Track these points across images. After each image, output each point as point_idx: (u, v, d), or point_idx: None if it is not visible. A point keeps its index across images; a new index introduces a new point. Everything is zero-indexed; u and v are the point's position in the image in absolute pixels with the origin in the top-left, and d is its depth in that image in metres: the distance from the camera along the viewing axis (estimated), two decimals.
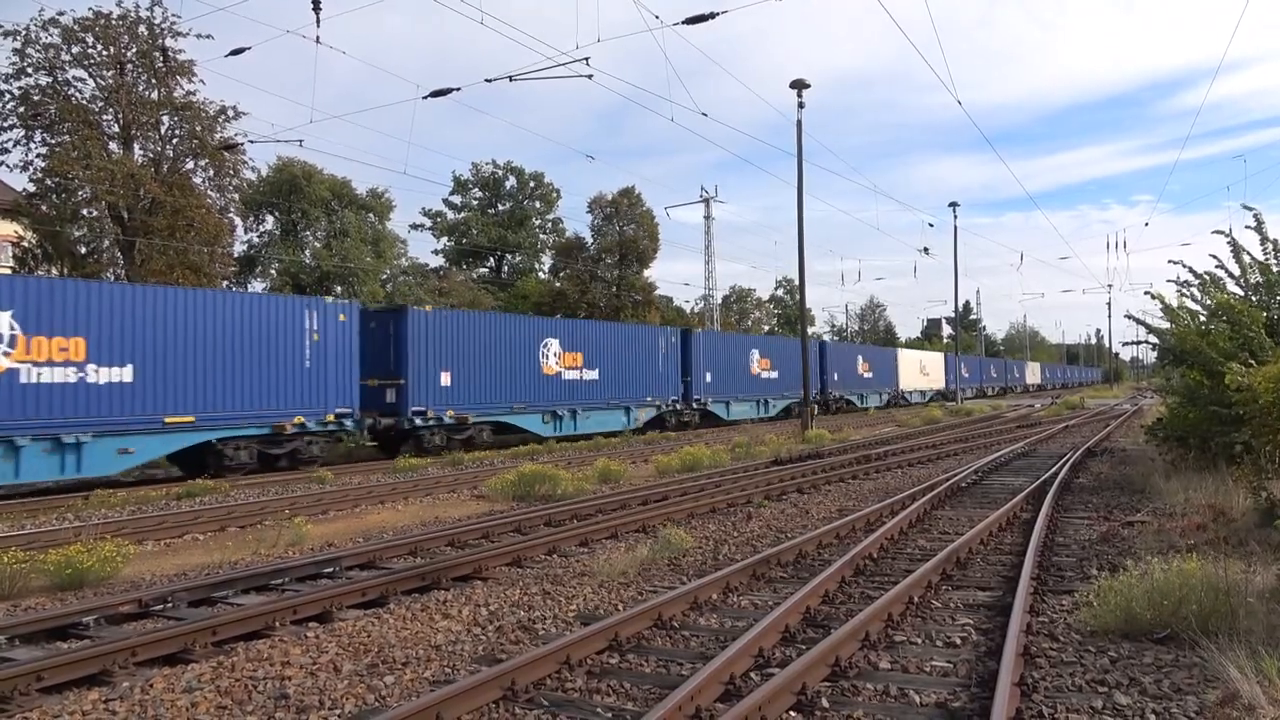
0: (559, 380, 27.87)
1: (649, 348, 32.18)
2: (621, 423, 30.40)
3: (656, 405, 32.25)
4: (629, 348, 31.10)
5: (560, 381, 27.96)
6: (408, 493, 15.60)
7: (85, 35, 27.63)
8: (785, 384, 40.98)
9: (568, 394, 28.22)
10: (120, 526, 11.99)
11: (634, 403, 31.00)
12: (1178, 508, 10.64)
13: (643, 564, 8.81)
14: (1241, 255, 12.94)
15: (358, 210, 47.39)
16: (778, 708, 4.82)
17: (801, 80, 27.96)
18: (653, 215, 52.68)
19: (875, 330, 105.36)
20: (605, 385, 29.75)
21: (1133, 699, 4.93)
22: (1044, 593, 7.34)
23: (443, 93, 19.24)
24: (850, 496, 13.99)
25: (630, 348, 31.15)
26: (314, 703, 5.23)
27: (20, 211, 29.17)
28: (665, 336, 33.63)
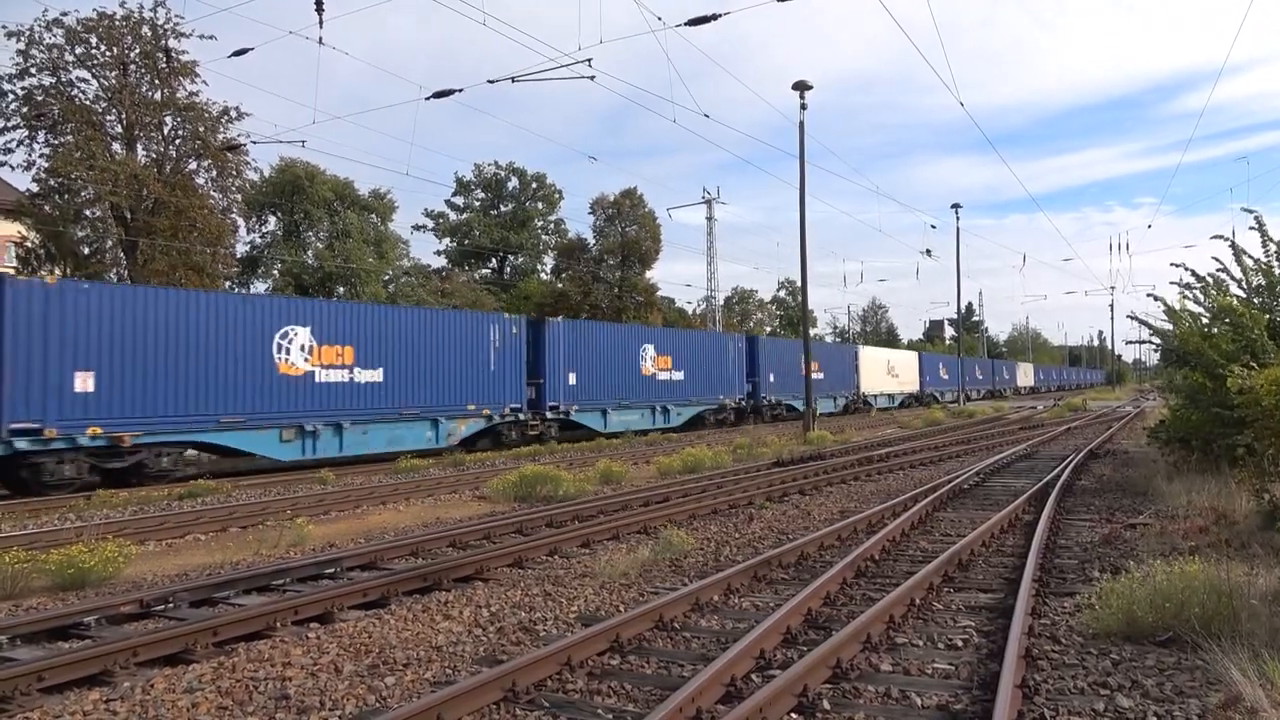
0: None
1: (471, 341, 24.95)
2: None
3: (486, 415, 25.26)
4: None
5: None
6: (409, 493, 15.61)
7: (89, 36, 27.70)
8: (694, 387, 34.38)
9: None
10: (122, 526, 12.00)
11: (443, 414, 23.95)
12: (1180, 510, 10.63)
13: (644, 565, 8.80)
14: (1243, 258, 12.92)
15: (360, 211, 47.45)
16: (779, 709, 4.81)
17: (804, 82, 27.98)
18: (654, 216, 52.79)
19: (877, 332, 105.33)
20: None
21: (1135, 701, 4.92)
22: (1046, 595, 7.33)
23: (445, 94, 19.27)
24: (852, 498, 13.97)
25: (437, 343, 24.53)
26: (315, 703, 5.23)
27: (23, 212, 29.22)
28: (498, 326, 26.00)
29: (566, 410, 27.92)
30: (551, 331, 27.41)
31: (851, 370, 49.07)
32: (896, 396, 55.58)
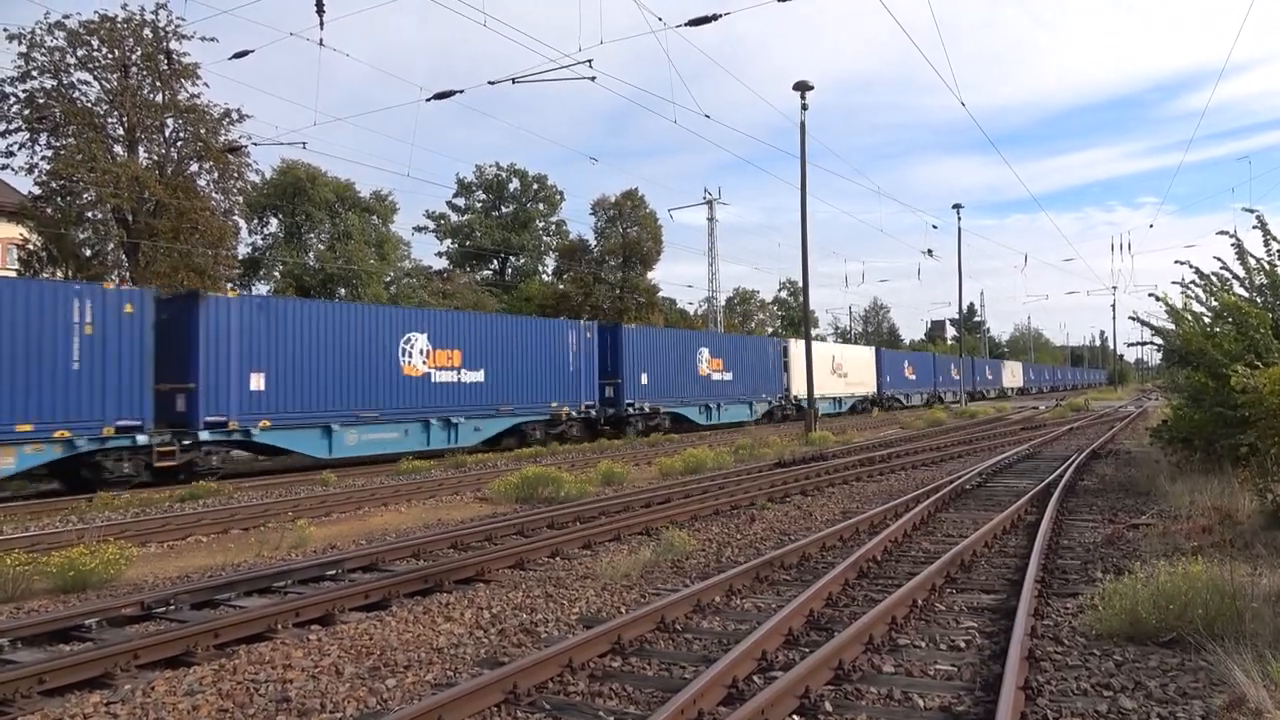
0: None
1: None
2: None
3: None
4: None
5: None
6: (411, 495, 15.60)
7: (90, 38, 27.67)
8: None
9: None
10: (123, 529, 12.01)
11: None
12: (1183, 510, 10.59)
13: (645, 566, 8.79)
14: (1247, 257, 12.89)
15: (361, 212, 47.50)
16: (780, 711, 4.80)
17: (805, 82, 27.96)
18: (656, 217, 52.79)
19: (879, 332, 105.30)
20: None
21: (1138, 703, 4.90)
22: (1049, 596, 7.31)
23: (446, 95, 19.26)
24: (854, 499, 13.95)
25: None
26: (315, 706, 5.22)
27: (25, 214, 29.23)
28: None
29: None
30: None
31: (774, 369, 41.68)
32: (844, 400, 48.00)
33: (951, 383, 64.53)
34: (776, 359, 41.69)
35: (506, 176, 61.28)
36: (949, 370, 66.08)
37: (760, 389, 40.08)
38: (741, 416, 38.05)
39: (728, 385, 37.43)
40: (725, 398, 37.21)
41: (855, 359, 50.60)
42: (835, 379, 46.45)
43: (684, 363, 34.45)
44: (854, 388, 48.88)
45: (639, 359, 31.33)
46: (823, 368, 42.52)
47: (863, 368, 50.34)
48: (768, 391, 40.77)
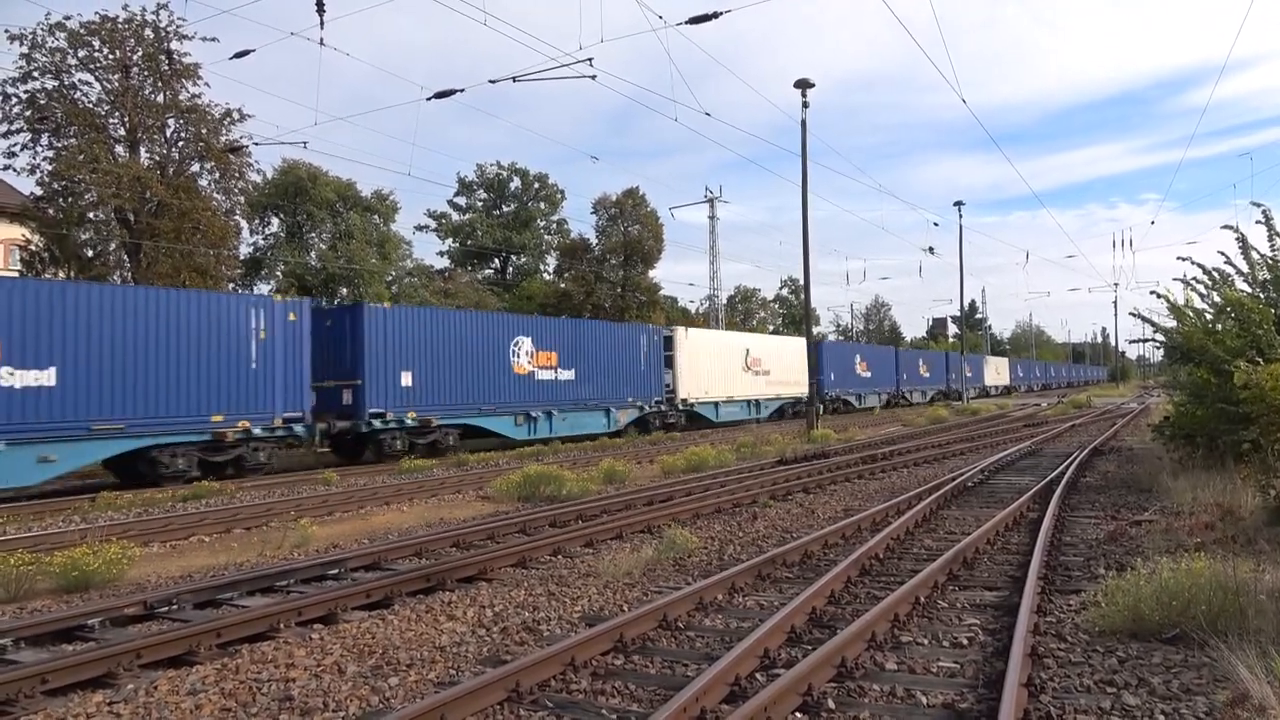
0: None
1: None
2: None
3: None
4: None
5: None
6: (413, 494, 15.60)
7: (91, 39, 27.69)
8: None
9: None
10: (126, 528, 12.02)
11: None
12: (1185, 506, 10.58)
13: (648, 564, 8.78)
14: (1250, 251, 12.86)
15: (362, 212, 47.48)
16: (783, 709, 4.79)
17: (805, 80, 27.93)
18: (657, 216, 52.65)
19: (880, 330, 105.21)
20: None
21: (1141, 700, 4.89)
22: (1051, 593, 7.30)
23: (446, 94, 19.27)
24: (856, 496, 13.95)
25: None
26: (318, 705, 5.22)
27: (27, 215, 29.26)
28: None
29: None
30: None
31: (651, 364, 32.27)
32: (763, 403, 38.93)
33: (919, 381, 58.18)
34: (656, 352, 33.09)
35: (507, 175, 61.24)
36: (915, 367, 58.86)
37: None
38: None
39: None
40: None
41: (779, 352, 41.01)
42: (749, 377, 37.94)
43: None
44: (779, 387, 40.14)
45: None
46: (729, 363, 36.23)
47: (791, 363, 40.39)
48: None
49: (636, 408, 31.27)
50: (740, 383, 37.25)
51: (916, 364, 59.24)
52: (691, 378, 33.72)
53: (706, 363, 34.91)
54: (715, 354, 35.57)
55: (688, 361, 33.55)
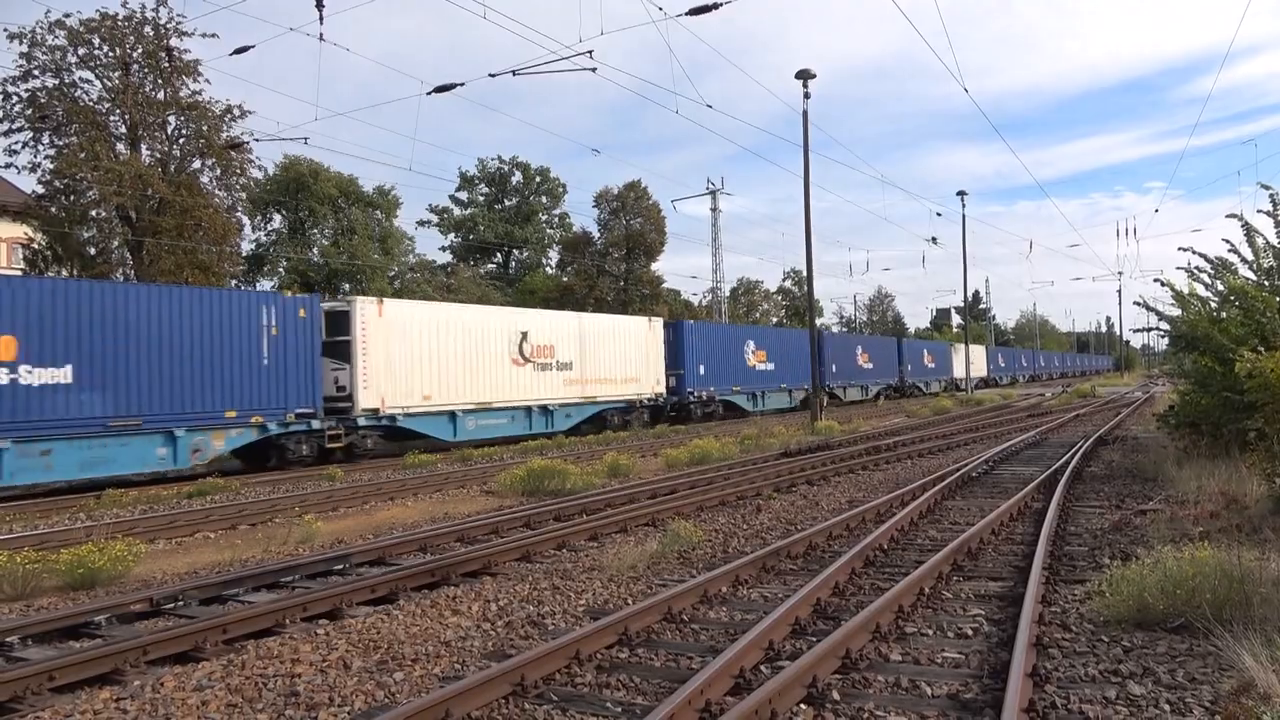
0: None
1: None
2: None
3: None
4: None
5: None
6: (417, 489, 15.63)
7: (91, 37, 27.70)
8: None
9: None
10: (131, 526, 12.05)
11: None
12: (1190, 495, 10.56)
13: (652, 558, 8.79)
14: (1255, 239, 12.79)
15: (364, 207, 47.51)
16: (788, 701, 4.80)
17: (807, 70, 27.83)
18: (659, 209, 52.58)
19: (884, 321, 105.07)
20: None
21: (1146, 689, 4.89)
22: (1056, 582, 7.30)
23: (447, 88, 19.22)
24: (860, 488, 13.94)
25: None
26: (324, 700, 5.23)
27: (29, 213, 29.31)
28: None
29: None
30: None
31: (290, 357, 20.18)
32: (558, 410, 27.03)
33: (860, 374, 47.11)
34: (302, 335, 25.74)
35: (509, 170, 61.23)
36: (853, 355, 47.09)
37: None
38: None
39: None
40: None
41: (600, 336, 28.70)
42: (529, 374, 25.87)
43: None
44: (600, 387, 28.70)
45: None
46: (484, 351, 24.47)
47: (628, 353, 29.72)
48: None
49: (244, 426, 18.99)
50: (509, 381, 25.12)
51: (854, 351, 47.84)
52: (390, 375, 21.73)
53: (428, 348, 22.80)
54: (449, 336, 23.38)
55: (382, 349, 21.63)
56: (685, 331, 33.32)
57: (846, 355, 46.53)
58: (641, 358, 30.51)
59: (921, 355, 60.00)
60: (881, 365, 50.33)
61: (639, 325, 31.11)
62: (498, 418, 25.20)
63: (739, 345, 36.94)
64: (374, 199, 48.51)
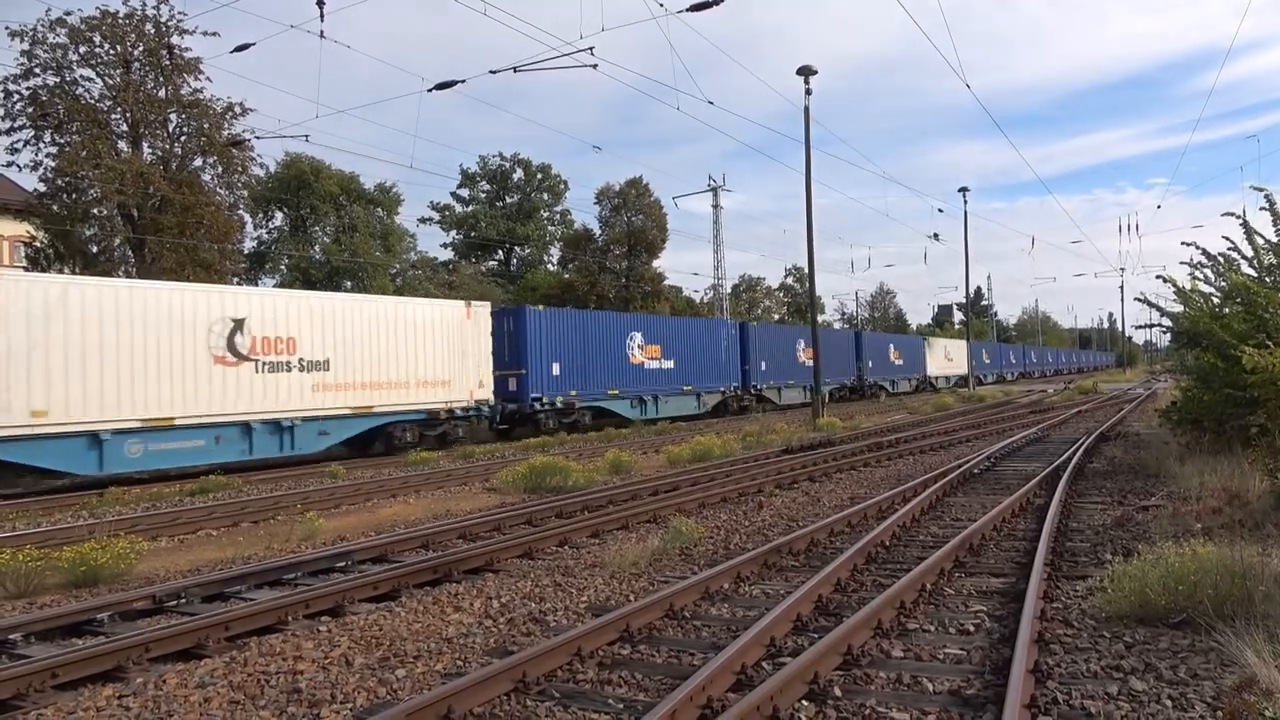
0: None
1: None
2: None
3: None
4: None
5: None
6: (419, 486, 15.63)
7: (92, 34, 27.70)
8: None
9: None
10: (134, 523, 12.06)
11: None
12: (1193, 491, 10.55)
13: (654, 554, 8.79)
14: (1254, 237, 12.79)
15: (366, 205, 47.52)
16: (790, 697, 4.80)
17: (808, 67, 27.80)
18: (660, 205, 52.53)
19: (885, 317, 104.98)
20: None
21: (1148, 684, 4.89)
22: (1058, 578, 7.29)
23: (448, 85, 19.19)
24: (862, 484, 13.94)
25: None
26: (326, 697, 5.24)
27: (31, 211, 29.33)
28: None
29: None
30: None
31: None
32: (328, 422, 20.46)
33: (801, 373, 39.98)
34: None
35: (510, 167, 61.21)
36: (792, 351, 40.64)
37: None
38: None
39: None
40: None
41: (374, 325, 21.56)
42: (224, 375, 18.54)
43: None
44: (395, 394, 21.86)
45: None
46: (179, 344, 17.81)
47: (430, 348, 22.89)
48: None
49: None
50: (210, 387, 18.27)
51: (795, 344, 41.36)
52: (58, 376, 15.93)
53: (46, 338, 15.92)
54: (93, 323, 16.59)
55: None
56: (528, 321, 26.45)
57: (783, 350, 40.34)
58: (454, 354, 23.37)
59: (886, 351, 52.36)
60: (833, 362, 42.09)
61: (448, 312, 23.76)
62: (189, 439, 17.96)
63: (619, 339, 30.28)
64: (375, 196, 48.54)
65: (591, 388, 28.65)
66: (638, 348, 31.13)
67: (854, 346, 48.08)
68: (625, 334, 30.67)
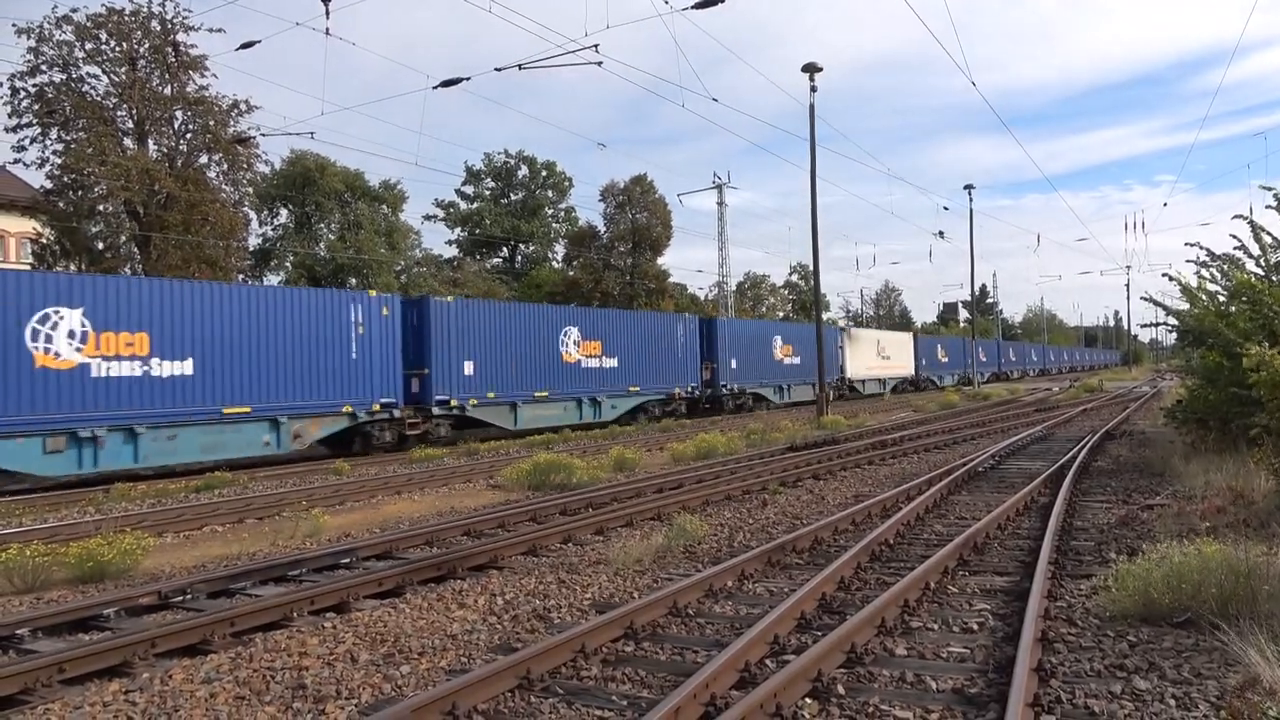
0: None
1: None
2: None
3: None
4: None
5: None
6: (424, 483, 15.66)
7: (98, 32, 27.75)
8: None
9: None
10: (140, 519, 12.11)
11: None
12: (1197, 490, 10.54)
13: (658, 552, 8.80)
14: (1261, 235, 12.75)
15: (371, 202, 47.53)
16: (793, 695, 4.81)
17: (813, 64, 27.75)
18: (665, 203, 52.47)
19: (890, 315, 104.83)
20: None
21: (1152, 684, 4.89)
22: (1062, 577, 7.29)
23: (453, 82, 19.21)
24: (866, 482, 13.94)
25: None
26: (331, 693, 5.26)
27: (38, 208, 29.43)
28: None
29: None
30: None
31: None
32: None
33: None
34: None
35: (515, 164, 61.18)
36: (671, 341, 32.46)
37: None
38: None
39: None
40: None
41: None
42: None
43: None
44: None
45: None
46: None
47: None
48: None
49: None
50: None
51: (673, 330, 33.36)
52: None
53: None
54: None
55: None
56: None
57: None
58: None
59: (769, 345, 38.80)
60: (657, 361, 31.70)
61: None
62: None
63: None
64: (380, 193, 48.54)
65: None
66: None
67: (700, 340, 34.40)
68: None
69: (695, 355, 33.94)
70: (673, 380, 32.52)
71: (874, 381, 48.64)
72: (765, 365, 38.23)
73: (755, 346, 37.64)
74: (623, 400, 30.13)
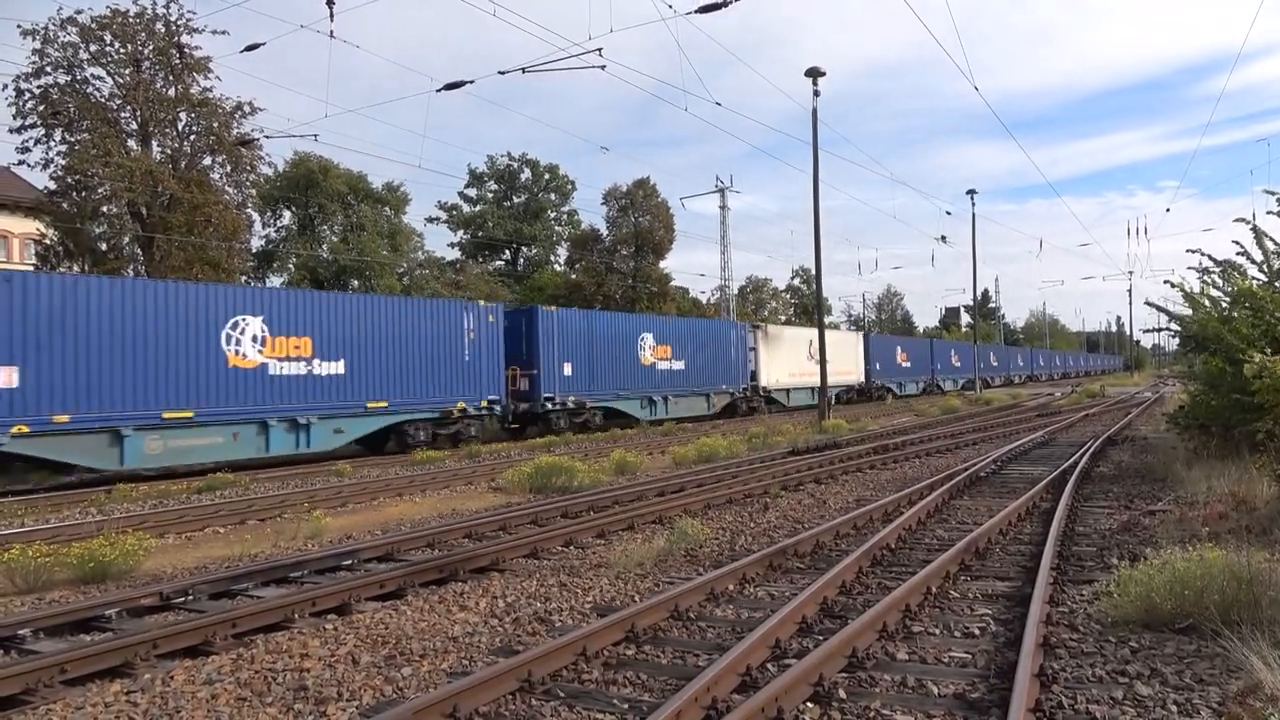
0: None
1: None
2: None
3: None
4: None
5: None
6: (425, 485, 15.67)
7: (103, 33, 27.82)
8: None
9: None
10: (142, 520, 12.12)
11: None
12: (1200, 496, 10.52)
13: (659, 555, 8.80)
14: (1264, 241, 12.73)
15: (374, 204, 47.57)
16: (794, 699, 4.81)
17: (816, 69, 27.77)
18: (668, 206, 52.45)
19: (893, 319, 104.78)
20: None
21: (1154, 690, 4.88)
22: (1064, 583, 7.29)
23: (456, 85, 19.24)
24: (868, 486, 13.93)
25: None
26: (332, 694, 5.26)
27: (42, 209, 29.47)
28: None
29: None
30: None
31: None
32: None
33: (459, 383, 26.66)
34: None
35: (518, 167, 61.23)
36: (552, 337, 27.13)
37: None
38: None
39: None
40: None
41: None
42: None
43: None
44: None
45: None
46: None
47: None
48: None
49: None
50: None
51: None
52: None
53: None
54: None
55: None
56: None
57: None
58: None
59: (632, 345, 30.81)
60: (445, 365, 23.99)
61: None
62: None
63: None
64: (383, 196, 48.57)
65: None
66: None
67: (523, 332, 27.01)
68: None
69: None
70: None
71: (802, 391, 39.90)
72: (626, 371, 30.26)
73: (609, 347, 29.50)
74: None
